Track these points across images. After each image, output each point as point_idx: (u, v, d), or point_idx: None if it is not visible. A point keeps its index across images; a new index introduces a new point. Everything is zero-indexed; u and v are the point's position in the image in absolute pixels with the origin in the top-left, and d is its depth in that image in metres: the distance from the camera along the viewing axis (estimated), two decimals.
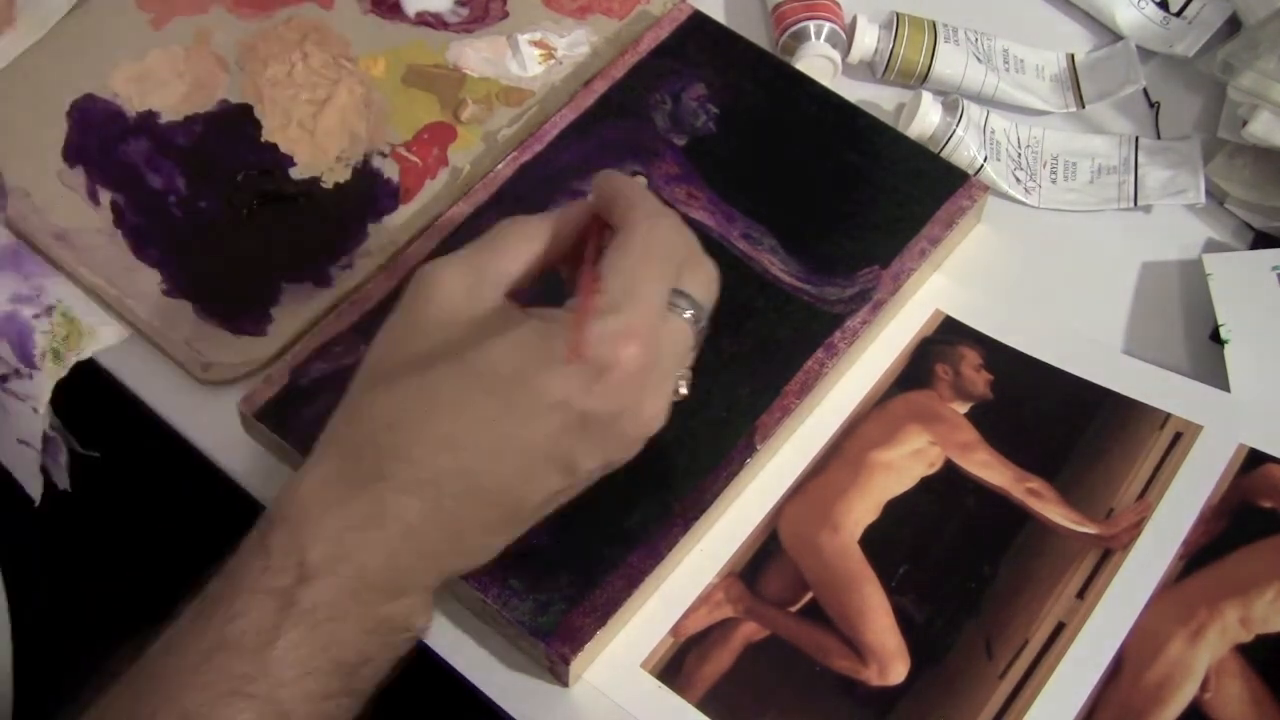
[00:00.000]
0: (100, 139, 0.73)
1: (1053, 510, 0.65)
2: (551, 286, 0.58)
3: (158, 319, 0.68)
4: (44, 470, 0.70)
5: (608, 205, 0.57)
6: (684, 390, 0.59)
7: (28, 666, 0.74)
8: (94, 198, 0.72)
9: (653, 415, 0.55)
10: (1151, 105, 0.79)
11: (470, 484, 0.52)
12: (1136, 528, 0.64)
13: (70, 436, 0.69)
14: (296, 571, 0.50)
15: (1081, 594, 0.62)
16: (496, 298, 0.55)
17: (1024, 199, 0.76)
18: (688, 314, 0.55)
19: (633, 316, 0.52)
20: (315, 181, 0.73)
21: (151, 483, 0.83)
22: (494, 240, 0.56)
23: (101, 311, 0.69)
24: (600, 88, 0.75)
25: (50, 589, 0.78)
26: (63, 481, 0.70)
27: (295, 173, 0.73)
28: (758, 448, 0.64)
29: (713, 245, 0.70)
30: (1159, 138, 0.78)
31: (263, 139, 0.74)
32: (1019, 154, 0.77)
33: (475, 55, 0.77)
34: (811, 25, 0.78)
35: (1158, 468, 0.66)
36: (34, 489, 0.70)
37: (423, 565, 0.53)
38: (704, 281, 0.57)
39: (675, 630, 0.61)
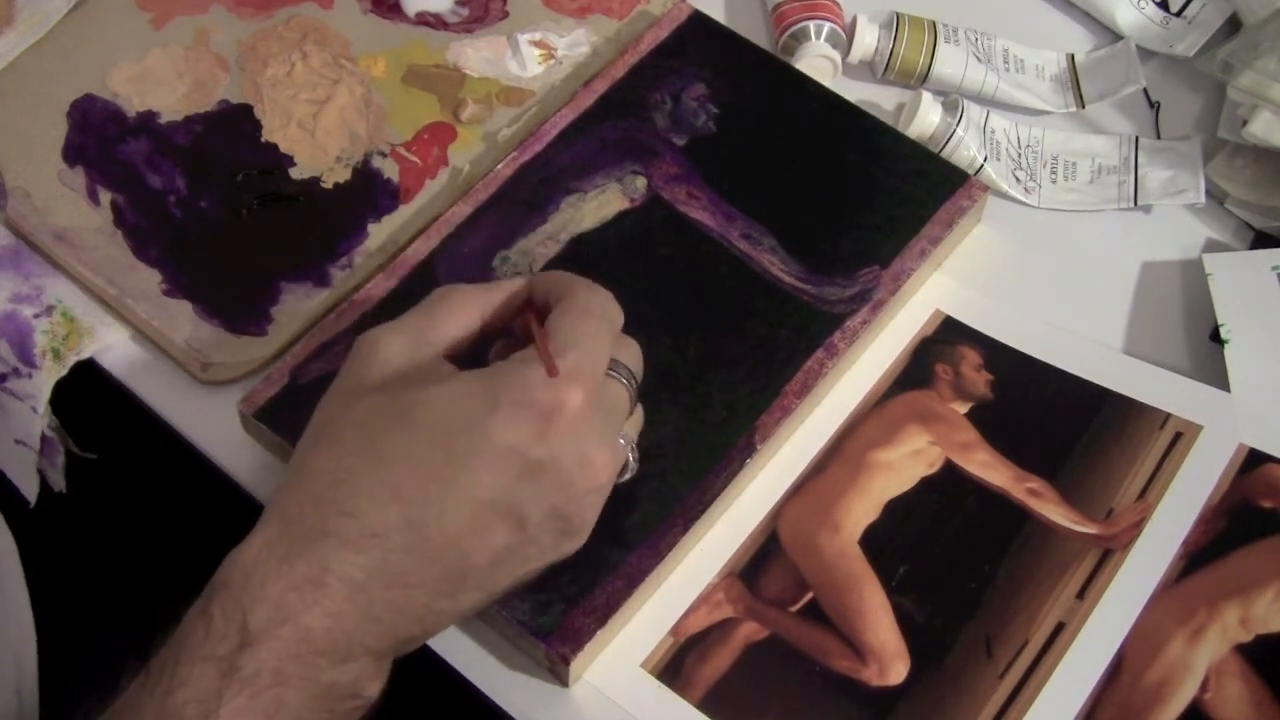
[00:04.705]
0: (100, 139, 0.73)
1: (1053, 510, 0.65)
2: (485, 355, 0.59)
3: (158, 319, 0.68)
4: (40, 472, 0.70)
5: (545, 292, 0.58)
6: (633, 463, 0.59)
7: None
8: (94, 198, 0.72)
9: (601, 465, 0.54)
10: (1151, 105, 0.79)
11: (416, 537, 0.51)
12: (1136, 528, 0.64)
13: (68, 438, 0.69)
14: (238, 637, 0.49)
15: (1081, 594, 0.62)
16: (435, 360, 0.55)
17: (1024, 199, 0.76)
18: (624, 379, 0.57)
19: (577, 363, 0.53)
20: (315, 181, 0.73)
21: (151, 483, 0.83)
22: (432, 307, 0.57)
23: (101, 311, 0.69)
24: (600, 88, 0.75)
25: (50, 590, 0.78)
26: (59, 484, 0.70)
27: (295, 173, 0.73)
28: (758, 448, 0.64)
29: (713, 245, 0.70)
30: (1159, 138, 0.78)
31: (263, 139, 0.74)
32: (1019, 154, 0.77)
33: (475, 55, 0.77)
34: (811, 25, 0.78)
35: (1158, 468, 0.66)
36: (29, 491, 0.70)
37: (370, 628, 0.51)
38: (634, 354, 0.59)
39: (675, 630, 0.61)
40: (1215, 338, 0.69)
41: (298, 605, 0.50)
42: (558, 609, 0.59)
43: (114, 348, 0.69)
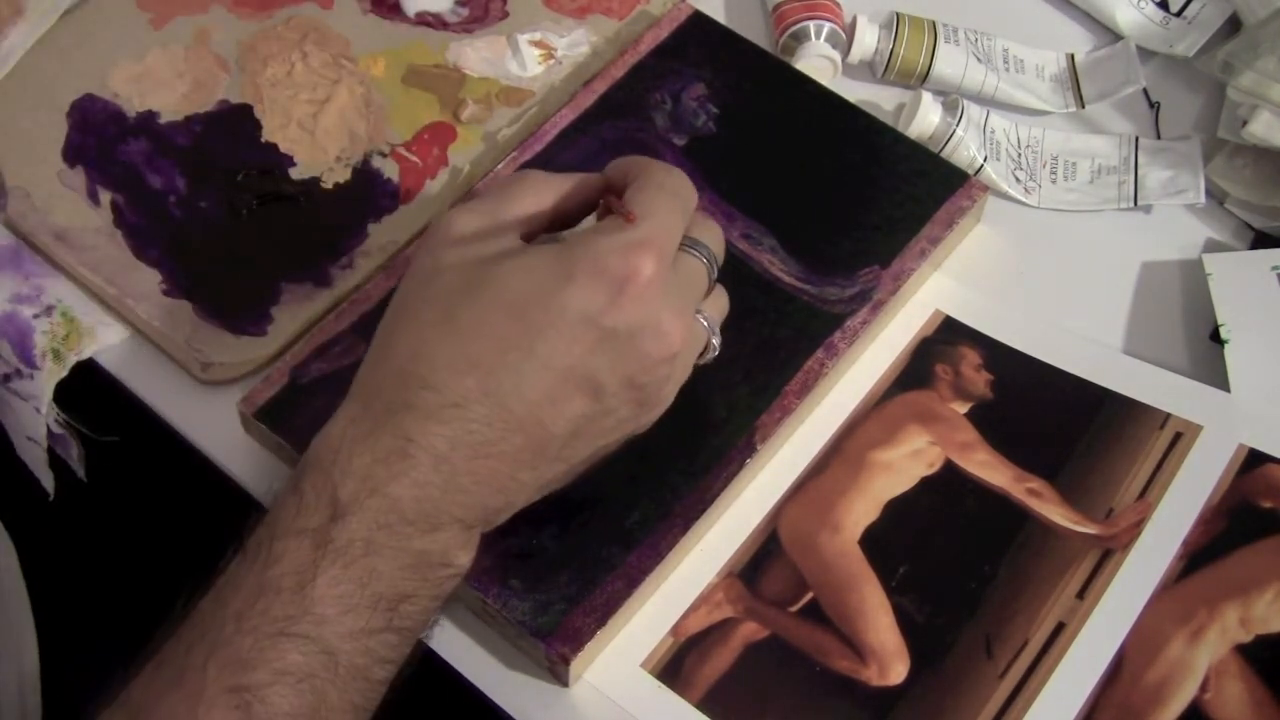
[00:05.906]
0: (100, 139, 0.73)
1: (1053, 510, 0.65)
2: None
3: (158, 319, 0.68)
4: (63, 461, 0.70)
5: (622, 174, 0.59)
6: (715, 345, 0.60)
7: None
8: (94, 198, 0.72)
9: (673, 334, 0.55)
10: (1151, 105, 0.80)
11: (496, 406, 0.53)
12: (1136, 528, 0.64)
13: (81, 428, 0.69)
14: (329, 510, 0.51)
15: (1081, 594, 0.62)
16: (510, 239, 0.57)
17: (1024, 199, 0.76)
18: (701, 256, 0.58)
19: (648, 230, 0.54)
20: (315, 181, 0.73)
21: (151, 483, 0.83)
22: (508, 187, 0.59)
23: (101, 311, 0.69)
24: (600, 88, 0.75)
25: (51, 591, 0.78)
26: (78, 473, 0.71)
27: (295, 173, 0.73)
28: (758, 448, 0.64)
29: None
30: (1159, 138, 0.78)
31: (263, 139, 0.74)
32: (1019, 154, 0.77)
33: (475, 55, 0.77)
34: (811, 25, 0.78)
35: (1158, 468, 0.66)
36: (46, 483, 0.70)
37: (456, 497, 0.53)
38: (714, 234, 0.60)
39: (675, 630, 0.61)
40: (1215, 338, 0.69)
41: (384, 476, 0.51)
42: (558, 609, 0.59)
43: (114, 348, 0.69)
